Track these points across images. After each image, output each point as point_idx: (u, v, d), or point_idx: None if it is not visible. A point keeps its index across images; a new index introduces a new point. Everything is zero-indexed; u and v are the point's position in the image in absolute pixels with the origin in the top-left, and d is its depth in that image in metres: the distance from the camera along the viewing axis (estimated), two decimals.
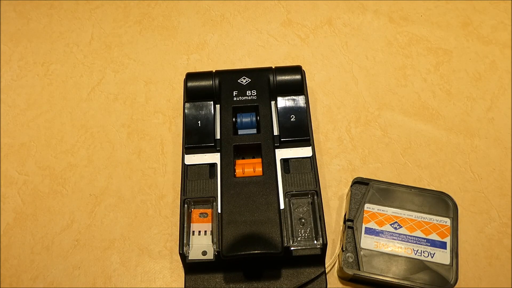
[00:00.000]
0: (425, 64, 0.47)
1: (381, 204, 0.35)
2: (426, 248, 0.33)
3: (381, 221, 0.34)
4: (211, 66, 0.47)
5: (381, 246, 0.33)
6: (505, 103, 0.44)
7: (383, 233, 0.34)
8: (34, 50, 0.49)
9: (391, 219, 0.34)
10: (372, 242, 0.33)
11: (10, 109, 0.46)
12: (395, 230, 0.34)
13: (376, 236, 0.33)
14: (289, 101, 0.40)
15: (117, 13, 0.52)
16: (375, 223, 0.34)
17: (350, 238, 0.34)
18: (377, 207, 0.35)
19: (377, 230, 0.34)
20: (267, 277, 0.34)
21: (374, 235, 0.33)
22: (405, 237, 0.33)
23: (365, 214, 0.34)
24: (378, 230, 0.34)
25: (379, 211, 0.34)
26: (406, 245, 0.33)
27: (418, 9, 0.50)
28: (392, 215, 0.34)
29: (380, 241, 0.33)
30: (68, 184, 0.41)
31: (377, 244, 0.33)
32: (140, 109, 0.45)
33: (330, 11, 0.51)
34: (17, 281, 0.37)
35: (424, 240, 0.33)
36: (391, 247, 0.33)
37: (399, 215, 0.34)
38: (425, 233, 0.34)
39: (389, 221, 0.34)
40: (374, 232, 0.34)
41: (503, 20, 0.49)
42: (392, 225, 0.34)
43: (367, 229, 0.34)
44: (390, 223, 0.34)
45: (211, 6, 0.52)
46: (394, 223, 0.34)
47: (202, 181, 0.36)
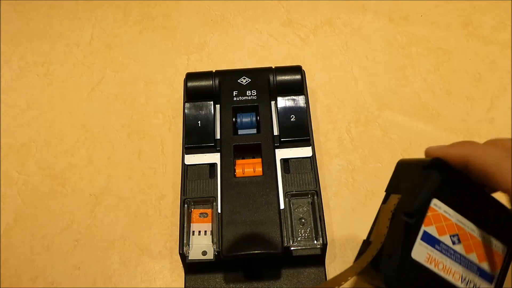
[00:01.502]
0: (425, 64, 0.46)
1: (451, 205, 0.25)
2: (475, 278, 0.25)
3: (443, 228, 0.25)
4: (211, 66, 0.47)
5: (431, 261, 0.24)
6: (505, 103, 0.44)
7: (439, 244, 0.24)
8: (34, 50, 0.49)
9: (453, 229, 0.25)
10: (425, 253, 0.24)
11: (10, 109, 0.46)
12: (452, 244, 0.25)
13: (431, 246, 0.24)
14: (289, 101, 0.40)
15: (117, 13, 0.52)
16: (436, 228, 0.24)
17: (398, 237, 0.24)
18: (445, 208, 0.25)
19: (435, 238, 0.24)
20: (267, 277, 0.34)
21: (429, 245, 0.24)
22: (459, 257, 0.25)
23: (429, 213, 0.24)
24: (436, 239, 0.24)
25: (445, 214, 0.25)
26: (457, 268, 0.25)
27: (418, 9, 0.50)
28: (456, 223, 0.25)
29: (433, 254, 0.24)
30: (68, 184, 0.41)
31: (429, 258, 0.24)
32: (140, 109, 0.45)
33: (330, 11, 0.51)
34: (17, 281, 0.37)
35: (476, 268, 0.25)
36: (441, 265, 0.24)
37: (463, 226, 0.25)
38: (479, 258, 0.25)
39: (450, 231, 0.25)
40: (432, 240, 0.24)
41: (503, 20, 0.49)
42: (452, 237, 0.25)
43: (425, 234, 0.24)
44: (450, 234, 0.25)
45: (211, 6, 0.52)
46: (454, 235, 0.25)
47: (202, 181, 0.36)
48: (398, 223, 0.24)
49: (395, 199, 0.25)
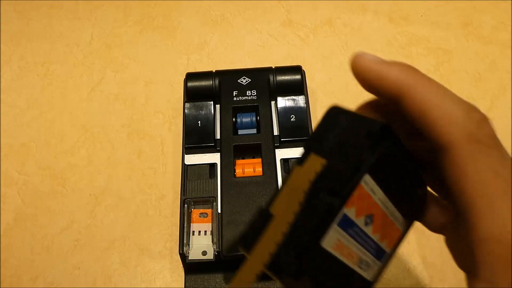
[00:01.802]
0: (425, 64, 0.46)
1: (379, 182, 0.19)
2: (368, 258, 0.21)
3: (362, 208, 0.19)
4: (211, 66, 0.47)
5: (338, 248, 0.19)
6: (505, 103, 0.44)
7: (353, 228, 0.19)
8: (34, 50, 0.49)
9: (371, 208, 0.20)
10: (336, 239, 0.19)
11: (10, 109, 0.46)
12: (364, 225, 0.20)
13: (344, 231, 0.19)
14: (289, 101, 0.40)
15: (117, 13, 0.52)
16: (356, 210, 0.19)
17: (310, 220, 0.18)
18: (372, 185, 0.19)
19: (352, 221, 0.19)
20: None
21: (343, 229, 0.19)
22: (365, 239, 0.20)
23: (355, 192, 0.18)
24: (352, 222, 0.19)
25: (370, 192, 0.19)
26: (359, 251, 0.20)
27: (418, 9, 0.50)
28: (376, 202, 0.20)
29: (343, 240, 0.19)
30: (68, 184, 0.41)
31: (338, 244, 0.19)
32: (140, 109, 0.45)
33: (330, 11, 0.51)
34: (17, 281, 0.37)
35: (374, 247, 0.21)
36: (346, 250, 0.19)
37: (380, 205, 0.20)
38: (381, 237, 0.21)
39: (367, 212, 0.20)
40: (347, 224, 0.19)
41: (503, 20, 0.49)
42: (366, 217, 0.20)
43: (344, 218, 0.18)
44: (366, 214, 0.20)
45: (211, 6, 0.52)
46: (370, 216, 0.20)
47: (202, 181, 0.36)
48: (315, 200, 0.18)
49: (317, 164, 0.19)
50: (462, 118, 0.17)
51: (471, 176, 0.17)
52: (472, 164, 0.17)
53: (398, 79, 0.19)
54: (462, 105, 0.17)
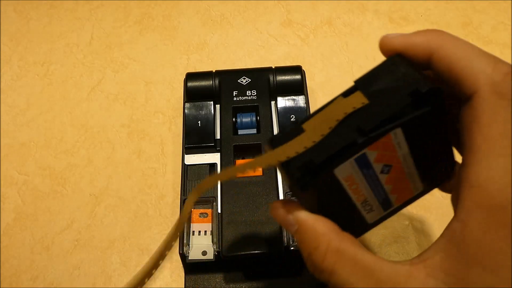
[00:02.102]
0: None
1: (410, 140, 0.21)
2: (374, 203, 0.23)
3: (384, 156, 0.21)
4: (211, 66, 0.47)
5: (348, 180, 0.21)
6: None
7: (368, 170, 0.21)
8: (34, 50, 0.49)
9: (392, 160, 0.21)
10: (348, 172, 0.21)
11: (10, 109, 0.46)
12: (379, 173, 0.22)
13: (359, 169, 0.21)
14: (289, 101, 0.40)
15: (117, 13, 0.52)
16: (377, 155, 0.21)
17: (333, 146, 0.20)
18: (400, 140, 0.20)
19: (369, 163, 0.21)
20: (267, 277, 0.34)
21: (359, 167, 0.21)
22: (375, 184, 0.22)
23: (381, 138, 0.20)
24: (369, 164, 0.21)
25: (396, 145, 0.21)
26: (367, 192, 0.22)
27: (418, 9, 0.50)
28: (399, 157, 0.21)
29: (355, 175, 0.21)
30: (68, 184, 0.41)
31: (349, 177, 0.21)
32: (140, 109, 0.45)
33: (330, 11, 0.51)
34: (17, 281, 0.37)
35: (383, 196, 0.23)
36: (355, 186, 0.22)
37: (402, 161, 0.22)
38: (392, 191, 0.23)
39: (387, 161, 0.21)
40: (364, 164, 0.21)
41: (503, 20, 0.49)
42: (384, 166, 0.22)
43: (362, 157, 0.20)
44: (385, 163, 0.21)
45: (211, 6, 0.52)
46: (388, 166, 0.22)
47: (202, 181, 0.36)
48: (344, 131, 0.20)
49: (358, 102, 0.21)
50: (488, 68, 0.18)
51: (483, 125, 0.17)
52: (488, 113, 0.17)
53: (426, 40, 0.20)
54: (490, 58, 0.19)
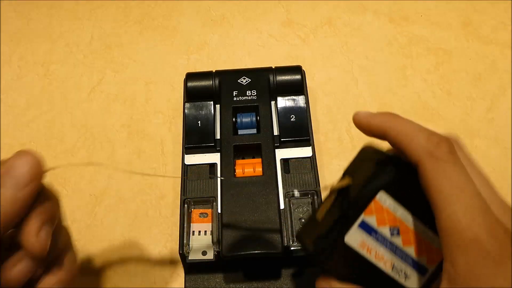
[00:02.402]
0: (425, 64, 0.47)
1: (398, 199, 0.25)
2: (407, 268, 0.25)
3: (384, 219, 0.25)
4: (211, 66, 0.47)
5: (364, 247, 0.25)
6: (505, 103, 0.44)
7: (376, 234, 0.25)
8: (34, 50, 0.49)
9: (394, 222, 0.25)
10: (360, 239, 0.24)
11: (10, 109, 0.46)
12: (390, 236, 0.25)
13: (368, 234, 0.25)
14: (289, 101, 0.40)
15: (117, 13, 0.52)
16: (377, 219, 0.25)
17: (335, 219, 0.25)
18: (390, 202, 0.25)
19: (373, 228, 0.25)
20: (267, 277, 0.34)
21: (366, 233, 0.24)
22: (395, 248, 0.25)
23: (372, 204, 0.24)
24: (374, 229, 0.25)
25: (389, 207, 0.25)
26: (390, 257, 0.25)
27: (418, 9, 0.50)
28: (400, 217, 0.25)
29: (367, 241, 0.25)
30: (68, 184, 0.41)
31: (362, 244, 0.24)
32: (140, 109, 0.45)
33: (330, 11, 0.51)
34: None
35: (411, 260, 0.26)
36: (374, 252, 0.25)
37: (405, 221, 0.25)
38: (417, 252, 0.26)
39: (391, 224, 0.25)
40: (369, 229, 0.24)
41: (503, 20, 0.49)
42: (391, 229, 0.25)
43: (363, 223, 0.24)
44: (391, 226, 0.25)
45: (211, 6, 0.52)
46: (394, 228, 0.25)
47: (202, 181, 0.36)
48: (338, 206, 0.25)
49: (346, 181, 0.25)
50: (423, 141, 0.23)
51: (433, 183, 0.22)
52: (433, 174, 0.22)
53: (380, 123, 0.25)
54: (424, 132, 0.24)
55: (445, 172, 0.22)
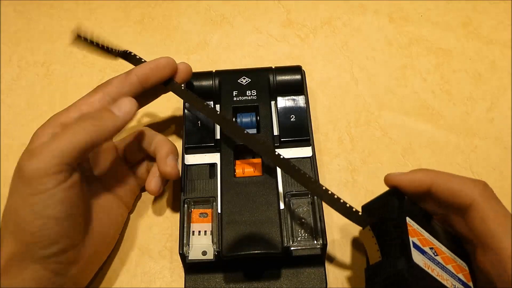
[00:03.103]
0: (425, 64, 0.47)
1: (418, 223, 0.28)
2: (460, 287, 0.27)
3: (423, 240, 0.27)
4: (211, 66, 0.47)
5: (428, 267, 0.26)
6: (505, 103, 0.44)
7: (426, 254, 0.26)
8: (34, 50, 0.49)
9: (429, 243, 0.27)
10: (421, 259, 0.25)
11: (10, 109, 0.46)
12: (434, 256, 0.27)
13: (422, 254, 0.26)
14: (289, 101, 0.40)
15: (117, 13, 0.52)
16: (419, 240, 0.26)
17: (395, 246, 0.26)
18: (416, 225, 0.27)
19: (421, 248, 0.26)
20: (267, 277, 0.34)
21: (420, 253, 0.26)
22: (443, 267, 0.27)
23: (408, 227, 0.26)
24: (422, 249, 0.26)
25: (419, 230, 0.27)
26: (446, 276, 0.26)
27: (418, 9, 0.50)
28: (428, 239, 0.27)
29: (427, 262, 0.26)
30: None
31: (426, 264, 0.26)
32: (140, 109, 0.45)
33: (330, 11, 0.51)
34: None
35: (457, 278, 0.27)
36: (435, 272, 0.26)
37: (433, 242, 0.28)
38: (455, 270, 0.28)
39: (428, 244, 0.27)
40: (420, 249, 0.26)
41: (503, 20, 0.49)
42: (431, 249, 0.27)
43: (414, 244, 0.26)
44: (429, 246, 0.27)
45: (211, 6, 0.52)
46: (432, 248, 0.27)
47: (202, 181, 0.36)
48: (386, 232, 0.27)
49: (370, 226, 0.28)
50: (473, 186, 0.28)
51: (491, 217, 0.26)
52: (489, 209, 0.27)
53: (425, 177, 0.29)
54: (470, 179, 0.28)
55: (498, 208, 0.27)
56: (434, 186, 0.28)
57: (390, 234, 0.26)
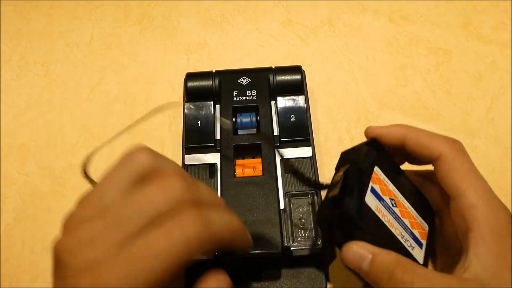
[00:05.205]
0: (425, 64, 0.47)
1: (388, 176, 0.29)
2: (409, 240, 0.28)
3: (384, 190, 0.28)
4: (211, 66, 0.47)
5: (379, 212, 0.27)
6: (505, 103, 0.44)
7: (383, 201, 0.28)
8: (34, 50, 0.49)
9: (391, 194, 0.29)
10: (374, 203, 0.27)
11: (10, 109, 0.46)
12: (391, 205, 0.28)
13: (378, 200, 0.27)
14: (289, 101, 0.40)
15: (117, 13, 0.52)
16: (380, 188, 0.28)
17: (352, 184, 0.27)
18: (383, 176, 0.29)
19: (380, 195, 0.28)
20: (267, 277, 0.34)
21: (377, 198, 0.27)
22: (398, 218, 0.28)
23: (374, 175, 0.28)
24: (380, 196, 0.28)
25: (384, 180, 0.29)
26: (397, 225, 0.28)
27: (418, 9, 0.50)
28: (392, 191, 0.29)
29: (380, 207, 0.27)
30: (68, 184, 0.41)
31: (378, 209, 0.27)
32: (140, 109, 0.45)
33: (330, 11, 0.51)
34: (17, 281, 0.37)
35: (410, 231, 0.29)
36: (386, 218, 0.27)
37: (396, 195, 0.29)
38: (411, 225, 0.29)
39: (389, 195, 0.29)
40: (377, 196, 0.28)
41: (503, 20, 0.49)
42: (391, 200, 0.29)
43: (373, 189, 0.27)
44: (390, 197, 0.29)
45: (211, 6, 0.52)
46: (392, 199, 0.29)
47: (202, 181, 0.36)
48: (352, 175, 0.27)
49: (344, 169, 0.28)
50: (442, 140, 0.29)
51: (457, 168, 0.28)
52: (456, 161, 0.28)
53: (399, 131, 0.30)
54: (439, 134, 0.29)
55: (465, 162, 0.28)
56: (407, 139, 0.29)
57: (353, 177, 0.27)
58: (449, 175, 0.28)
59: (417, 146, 0.29)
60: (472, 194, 0.26)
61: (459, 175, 0.27)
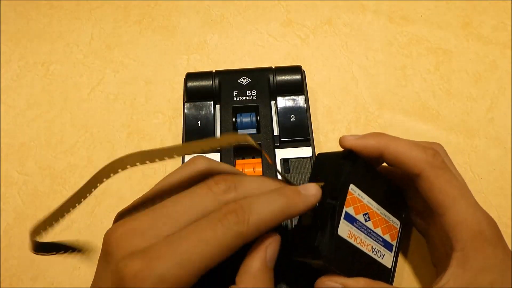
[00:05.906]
0: (425, 64, 0.47)
1: (363, 189, 0.29)
2: (381, 248, 0.30)
3: (358, 208, 0.29)
4: (211, 66, 0.47)
5: (352, 237, 0.28)
6: (505, 103, 0.44)
7: (356, 222, 0.28)
8: (34, 50, 0.49)
9: (364, 208, 0.29)
10: (347, 230, 0.28)
11: (10, 109, 0.46)
12: (364, 222, 0.29)
13: (351, 224, 0.28)
14: (289, 101, 0.40)
15: (117, 13, 0.52)
16: (354, 208, 0.28)
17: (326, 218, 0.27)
18: (358, 192, 0.29)
19: (353, 217, 0.28)
20: None
21: (350, 223, 0.28)
22: (370, 232, 0.29)
23: (348, 196, 0.28)
24: (354, 218, 0.28)
25: (359, 197, 0.29)
26: (369, 241, 0.29)
27: (418, 9, 0.50)
28: (367, 204, 0.29)
29: (353, 231, 0.28)
30: (68, 184, 0.41)
31: (350, 235, 0.28)
32: (140, 109, 0.45)
33: (330, 11, 0.51)
34: (17, 281, 0.37)
35: (381, 239, 0.30)
36: (358, 239, 0.28)
37: (370, 206, 0.29)
38: (383, 231, 0.30)
39: (363, 211, 0.29)
40: (351, 219, 0.28)
41: (503, 20, 0.49)
42: (364, 215, 0.29)
43: (347, 214, 0.28)
44: (363, 212, 0.29)
45: (211, 6, 0.52)
46: (366, 214, 0.29)
47: None
48: (324, 206, 0.27)
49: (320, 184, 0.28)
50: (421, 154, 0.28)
51: (437, 187, 0.27)
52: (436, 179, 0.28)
53: (376, 143, 0.29)
54: (418, 146, 0.28)
55: (445, 178, 0.28)
56: (386, 153, 0.29)
57: (327, 203, 0.27)
58: (430, 192, 0.28)
59: (395, 161, 0.29)
60: (454, 213, 0.27)
61: (441, 195, 0.27)
